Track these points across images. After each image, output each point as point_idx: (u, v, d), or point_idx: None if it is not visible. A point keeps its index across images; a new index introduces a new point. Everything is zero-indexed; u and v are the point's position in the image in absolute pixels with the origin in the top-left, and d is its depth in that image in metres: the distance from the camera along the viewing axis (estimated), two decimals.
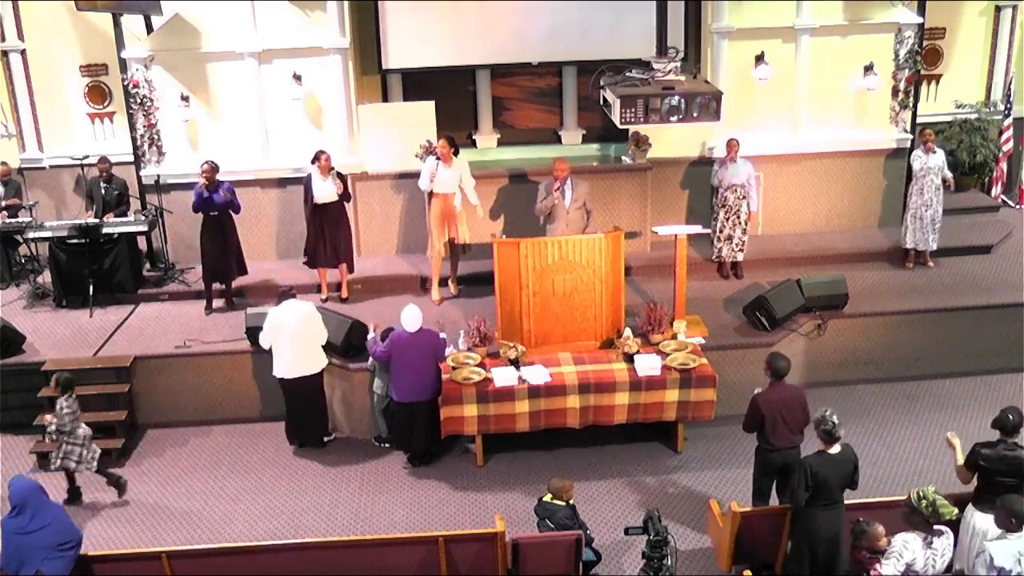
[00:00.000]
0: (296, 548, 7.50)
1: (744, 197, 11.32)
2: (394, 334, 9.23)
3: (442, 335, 9.44)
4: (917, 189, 11.54)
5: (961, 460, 7.13)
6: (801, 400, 7.92)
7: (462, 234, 11.08)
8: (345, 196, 10.89)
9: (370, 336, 9.52)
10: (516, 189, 11.79)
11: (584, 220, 10.78)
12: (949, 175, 11.55)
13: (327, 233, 10.90)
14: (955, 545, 6.66)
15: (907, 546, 6.40)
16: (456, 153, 10.85)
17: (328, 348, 9.82)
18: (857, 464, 7.08)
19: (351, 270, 11.29)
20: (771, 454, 7.92)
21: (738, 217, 11.37)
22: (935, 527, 6.46)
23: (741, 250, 11.55)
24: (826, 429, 6.97)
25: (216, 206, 10.70)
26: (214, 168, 10.66)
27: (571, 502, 7.57)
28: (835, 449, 7.00)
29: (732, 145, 11.24)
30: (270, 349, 9.52)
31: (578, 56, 12.33)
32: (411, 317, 9.14)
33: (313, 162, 10.72)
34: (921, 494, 6.45)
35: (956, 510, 6.47)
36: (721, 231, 11.44)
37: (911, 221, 11.64)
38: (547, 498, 7.52)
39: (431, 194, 10.92)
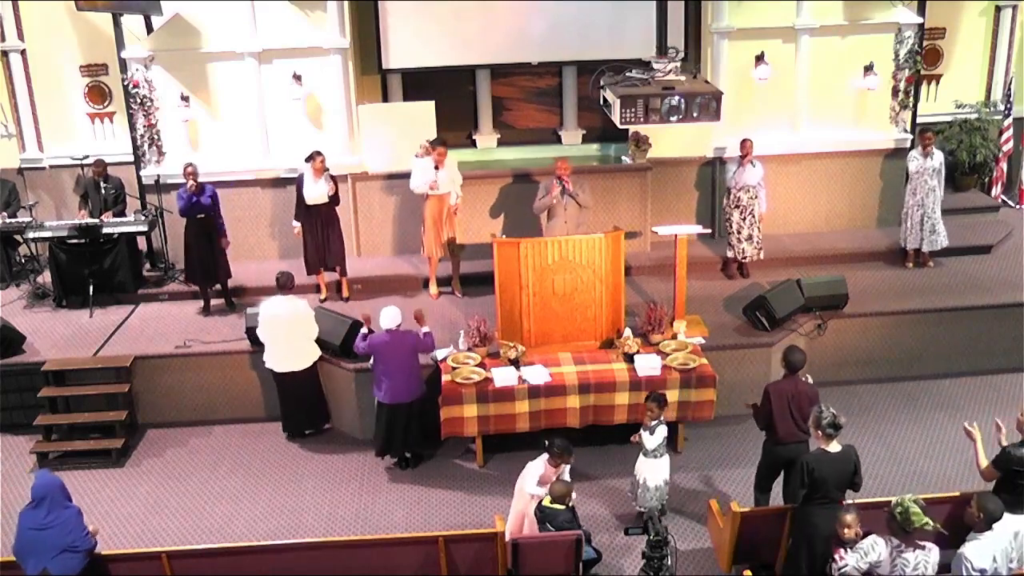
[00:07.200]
0: (296, 548, 7.49)
1: (755, 197, 11.34)
2: (373, 335, 9.24)
3: (424, 330, 9.29)
4: (911, 189, 11.59)
5: (983, 457, 6.96)
6: (811, 396, 7.84)
7: (457, 232, 11.10)
8: (334, 199, 10.86)
9: (362, 331, 9.45)
10: (516, 189, 11.80)
11: (579, 211, 10.74)
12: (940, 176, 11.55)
13: (319, 235, 10.89)
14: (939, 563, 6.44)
15: (874, 547, 6.36)
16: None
17: (327, 347, 9.85)
18: (858, 465, 7.02)
19: (344, 273, 11.26)
20: (777, 447, 7.92)
21: (753, 216, 11.39)
22: (919, 542, 6.33)
23: (759, 248, 11.57)
24: (825, 423, 6.87)
25: (203, 208, 10.71)
26: (197, 170, 10.67)
27: (571, 505, 7.55)
28: (835, 447, 6.95)
29: (747, 146, 11.21)
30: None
31: (578, 56, 12.33)
32: (387, 317, 9.09)
33: (307, 161, 10.70)
34: (897, 501, 6.32)
35: (929, 521, 6.21)
36: (740, 231, 11.43)
37: (903, 220, 11.72)
38: (546, 502, 7.50)
39: (426, 195, 10.94)
